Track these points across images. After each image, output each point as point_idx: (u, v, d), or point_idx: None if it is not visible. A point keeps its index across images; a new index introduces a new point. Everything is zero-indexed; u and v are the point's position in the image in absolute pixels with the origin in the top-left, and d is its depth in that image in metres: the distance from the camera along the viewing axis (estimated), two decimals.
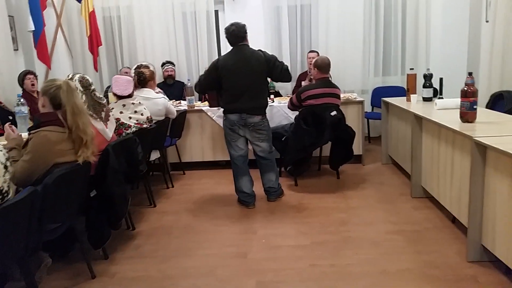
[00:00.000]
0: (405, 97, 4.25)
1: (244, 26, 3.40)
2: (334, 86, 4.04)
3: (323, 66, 3.93)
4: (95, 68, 5.58)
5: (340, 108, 4.08)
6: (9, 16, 4.85)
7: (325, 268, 2.51)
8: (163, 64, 5.61)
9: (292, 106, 4.11)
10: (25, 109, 3.42)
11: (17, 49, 5.16)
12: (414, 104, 3.93)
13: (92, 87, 2.68)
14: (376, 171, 4.48)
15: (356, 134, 4.61)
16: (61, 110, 2.20)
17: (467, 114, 2.72)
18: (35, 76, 4.43)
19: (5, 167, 1.68)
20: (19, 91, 4.37)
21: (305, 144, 3.88)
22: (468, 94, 2.67)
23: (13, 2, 4.96)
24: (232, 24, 3.37)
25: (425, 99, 3.98)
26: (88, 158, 2.25)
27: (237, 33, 3.33)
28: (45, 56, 4.87)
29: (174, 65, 5.65)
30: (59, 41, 5.40)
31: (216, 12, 5.88)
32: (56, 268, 2.62)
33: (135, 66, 3.83)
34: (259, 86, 3.40)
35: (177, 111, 4.37)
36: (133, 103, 3.36)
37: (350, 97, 4.70)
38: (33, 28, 4.70)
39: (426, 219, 3.11)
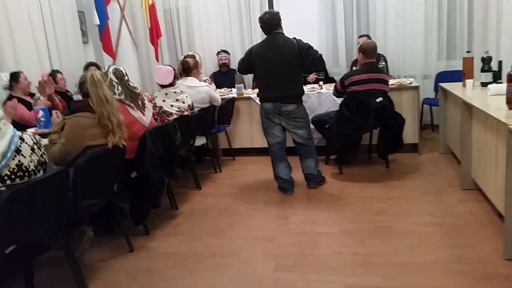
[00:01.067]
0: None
1: (277, 14, 3.38)
2: (381, 71, 3.87)
3: (368, 50, 3.77)
4: (157, 59, 5.91)
5: (388, 95, 3.91)
6: (79, 11, 5.33)
7: (346, 255, 2.47)
8: (218, 53, 5.79)
9: (336, 92, 4.02)
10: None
11: (87, 42, 5.67)
12: (469, 90, 3.62)
13: (126, 78, 2.88)
14: (431, 161, 4.22)
15: (412, 122, 4.43)
16: (91, 100, 2.42)
17: None
18: (98, 67, 4.82)
19: (32, 149, 1.91)
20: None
21: (348, 131, 3.78)
22: None
23: None
24: (266, 13, 3.38)
25: (484, 84, 3.64)
26: (116, 143, 2.45)
27: (270, 21, 3.33)
28: (109, 48, 5.28)
29: (228, 54, 5.79)
30: (123, 33, 5.78)
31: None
32: (101, 241, 2.90)
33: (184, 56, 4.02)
34: (292, 74, 3.37)
35: (225, 98, 4.52)
36: (175, 92, 3.54)
37: (404, 82, 4.44)
38: (98, 22, 5.12)
39: (470, 213, 2.89)
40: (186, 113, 3.57)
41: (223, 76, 5.68)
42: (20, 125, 3.29)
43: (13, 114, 3.27)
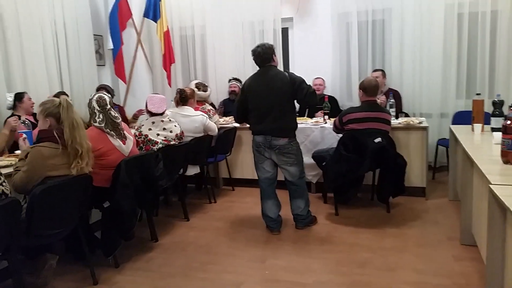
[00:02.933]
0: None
1: (271, 47, 3.31)
2: (381, 110, 3.68)
3: (369, 87, 3.61)
4: (169, 84, 5.97)
5: (390, 134, 3.71)
6: (97, 35, 5.49)
7: None
8: (229, 81, 5.77)
9: (335, 129, 3.86)
10: None
11: (104, 65, 5.80)
12: (477, 135, 3.36)
13: (108, 107, 2.86)
14: (438, 208, 3.91)
15: (420, 164, 4.17)
16: (59, 127, 2.39)
17: (508, 154, 2.22)
18: (108, 90, 4.88)
19: None
20: None
21: (343, 171, 3.58)
22: (508, 130, 2.17)
23: (103, 22, 5.59)
24: (258, 46, 3.32)
25: (494, 130, 3.36)
26: (82, 170, 2.40)
27: (262, 55, 3.27)
28: (121, 72, 5.38)
29: (240, 82, 5.75)
30: (139, 58, 5.92)
31: (286, 29, 5.84)
32: (69, 270, 2.84)
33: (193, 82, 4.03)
34: (284, 107, 3.25)
35: (226, 127, 4.45)
36: (162, 121, 3.50)
37: (411, 122, 4.20)
38: (111, 46, 5.24)
39: (462, 274, 2.60)
40: (173, 142, 3.50)
41: (232, 104, 5.63)
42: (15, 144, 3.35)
43: (15, 127, 3.34)
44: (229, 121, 4.90)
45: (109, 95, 2.99)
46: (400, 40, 5.20)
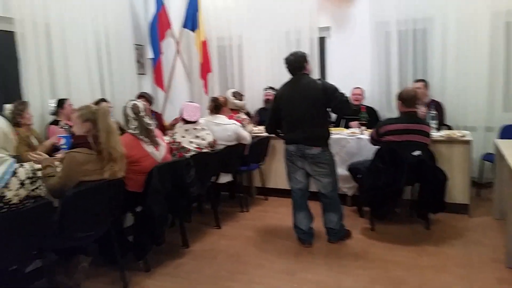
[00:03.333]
0: None
1: (303, 55, 3.26)
2: (421, 122, 3.53)
3: (407, 98, 3.47)
4: (206, 93, 6.05)
5: (430, 148, 3.54)
6: (139, 45, 5.67)
7: None
8: (265, 89, 5.77)
9: (372, 140, 3.73)
10: None
11: (145, 74, 5.98)
12: None
13: (142, 113, 2.93)
14: (481, 227, 3.67)
15: (462, 180, 3.96)
16: (95, 132, 2.45)
17: None
18: (147, 98, 5.00)
19: (22, 183, 1.96)
20: None
21: (379, 184, 3.44)
22: None
23: (144, 32, 5.78)
24: (291, 54, 3.28)
25: None
26: (115, 174, 2.44)
27: (294, 63, 3.23)
28: (160, 81, 5.53)
29: (275, 90, 5.73)
30: (177, 67, 6.05)
31: (323, 39, 5.78)
32: (102, 272, 2.89)
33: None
34: (316, 115, 3.18)
35: (259, 136, 4.43)
36: (195, 129, 3.54)
37: (454, 135, 4.00)
38: (151, 56, 5.39)
39: None
40: (205, 150, 3.52)
41: (266, 112, 5.61)
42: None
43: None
44: (264, 130, 4.87)
45: (144, 103, 3.05)
46: (442, 50, 4.99)
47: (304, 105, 3.16)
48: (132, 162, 2.76)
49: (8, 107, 3.66)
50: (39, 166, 2.36)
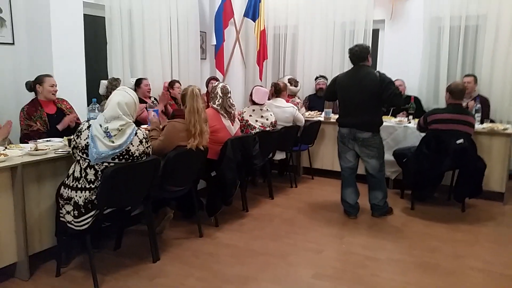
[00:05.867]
0: None
1: (367, 48, 3.63)
2: (467, 113, 3.84)
3: (455, 91, 3.79)
4: (260, 78, 6.53)
5: (473, 138, 3.86)
6: (202, 31, 6.21)
7: (382, 279, 2.63)
8: (316, 78, 6.16)
9: (419, 127, 4.09)
10: None
11: (205, 58, 6.53)
12: None
13: (229, 95, 3.50)
14: None
15: (501, 169, 4.24)
16: (184, 108, 3.01)
17: None
18: (217, 80, 5.53)
19: (140, 141, 2.53)
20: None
21: (423, 168, 3.81)
22: None
23: (207, 20, 6.30)
24: (356, 45, 3.66)
25: None
26: (195, 146, 2.97)
27: (359, 54, 3.60)
28: (221, 66, 6.05)
29: (326, 79, 6.11)
30: (236, 54, 6.55)
31: (377, 31, 6.08)
32: (179, 224, 3.49)
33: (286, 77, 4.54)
34: (371, 104, 3.57)
35: (312, 121, 4.88)
36: (261, 109, 4.05)
37: (496, 128, 4.28)
38: (215, 42, 5.92)
39: None
40: (268, 128, 4.03)
41: (318, 100, 6.02)
42: (136, 121, 4.10)
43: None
44: (314, 115, 5.31)
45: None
46: (493, 47, 5.19)
47: (361, 93, 3.56)
48: (212, 132, 3.29)
49: (103, 82, 4.31)
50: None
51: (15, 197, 2.51)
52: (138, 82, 4.77)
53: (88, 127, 2.39)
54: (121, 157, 2.42)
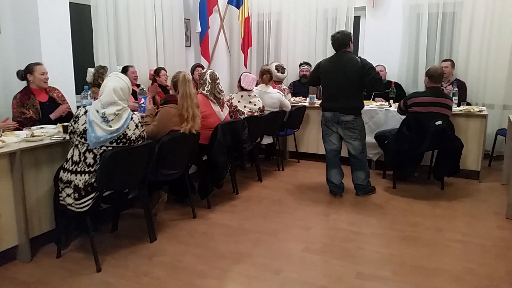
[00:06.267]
0: None
1: (349, 34, 3.77)
2: (445, 96, 4.04)
3: (434, 75, 3.99)
4: (245, 65, 6.63)
5: (451, 119, 4.07)
6: (186, 19, 6.23)
7: (368, 252, 2.82)
8: (300, 65, 6.29)
9: (399, 110, 4.28)
10: None
11: (190, 46, 6.56)
12: None
13: (218, 81, 3.59)
14: (489, 190, 4.24)
15: (477, 149, 4.49)
16: (176, 94, 3.11)
17: None
18: (202, 68, 5.60)
19: (136, 126, 2.62)
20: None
21: (404, 148, 4.01)
22: None
23: (191, 7, 6.32)
24: (338, 32, 3.79)
25: None
26: (188, 130, 3.08)
27: (340, 41, 3.74)
28: (206, 53, 6.11)
29: (310, 66, 6.25)
30: (220, 41, 6.62)
31: (358, 18, 6.23)
32: (172, 207, 3.61)
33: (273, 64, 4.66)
34: (353, 88, 3.73)
35: (297, 106, 5.02)
36: (249, 95, 4.16)
37: (472, 110, 4.51)
38: (199, 29, 5.96)
39: (502, 239, 3.00)
40: (256, 114, 4.15)
41: (302, 86, 6.17)
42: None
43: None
44: (299, 101, 5.45)
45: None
46: (469, 33, 5.42)
47: (343, 78, 3.71)
48: (202, 117, 3.38)
49: (90, 70, 4.34)
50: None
51: (14, 182, 2.57)
52: (125, 70, 4.80)
53: (85, 112, 2.47)
54: (118, 141, 2.50)
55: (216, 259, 2.71)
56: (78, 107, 4.12)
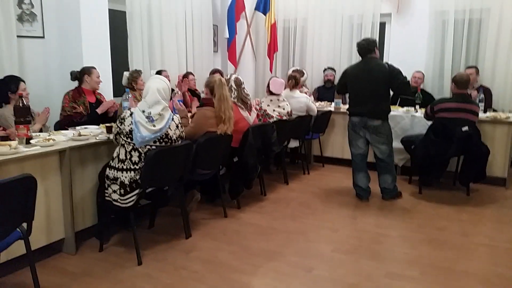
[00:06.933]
0: None
1: (374, 41, 3.87)
2: (471, 102, 4.08)
3: (460, 81, 4.03)
4: (270, 70, 6.76)
5: (477, 125, 4.10)
6: (214, 25, 6.42)
7: (397, 253, 2.90)
8: (325, 70, 6.39)
9: (426, 116, 4.34)
10: None
11: (217, 51, 6.74)
12: None
13: (242, 86, 3.72)
14: None
15: (504, 156, 4.49)
16: (213, 96, 3.25)
17: None
18: (221, 73, 5.75)
19: (176, 126, 2.78)
20: None
21: (431, 154, 4.06)
22: None
23: (219, 14, 6.50)
24: (363, 39, 3.90)
25: None
26: (225, 131, 3.23)
27: (366, 47, 3.84)
28: (233, 58, 6.28)
29: (334, 71, 6.34)
30: (247, 47, 6.77)
31: (383, 24, 6.30)
32: (204, 207, 3.75)
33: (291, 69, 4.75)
34: (380, 93, 3.81)
35: (323, 111, 5.11)
36: (278, 100, 4.29)
37: (498, 117, 4.52)
38: (227, 35, 6.13)
39: None
40: (284, 118, 4.27)
41: (326, 91, 6.27)
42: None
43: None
44: (324, 105, 5.55)
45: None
46: (495, 40, 5.42)
47: (371, 84, 3.80)
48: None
49: (125, 74, 4.54)
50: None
51: (63, 178, 2.76)
52: (159, 74, 4.98)
53: (131, 114, 2.63)
54: (161, 140, 2.67)
55: (249, 256, 2.83)
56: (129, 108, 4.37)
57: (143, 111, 2.61)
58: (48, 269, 2.61)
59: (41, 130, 3.30)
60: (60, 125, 3.55)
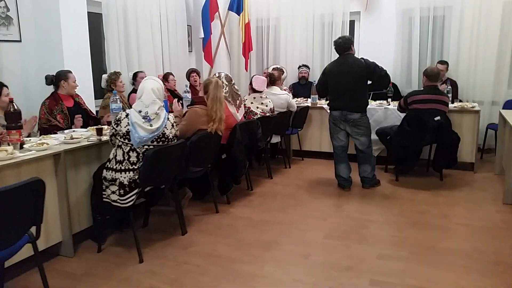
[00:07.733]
0: None
1: (350, 38, 4.07)
2: (442, 94, 4.36)
3: (431, 74, 4.30)
4: (246, 69, 6.88)
5: (447, 115, 4.38)
6: (188, 25, 6.46)
7: (385, 236, 3.09)
8: (299, 67, 6.57)
9: (400, 108, 4.59)
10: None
11: (191, 51, 6.78)
12: None
13: (233, 82, 3.83)
14: (484, 180, 4.57)
15: (471, 142, 4.82)
16: (207, 96, 3.34)
17: None
18: (198, 74, 5.85)
19: (172, 125, 2.85)
20: (187, 83, 5.87)
21: (406, 143, 4.31)
22: None
23: (192, 14, 6.54)
24: (339, 37, 4.09)
25: None
26: (214, 130, 3.32)
27: (343, 45, 4.03)
28: (209, 58, 6.34)
29: (308, 68, 6.54)
30: (221, 46, 6.84)
31: (353, 22, 6.55)
32: (195, 203, 3.81)
33: (271, 67, 4.88)
34: (359, 88, 4.02)
35: (301, 106, 5.28)
36: (261, 97, 4.42)
37: (466, 106, 4.84)
38: (202, 35, 6.19)
39: (502, 221, 3.31)
40: (267, 114, 4.40)
41: (301, 88, 6.45)
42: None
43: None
44: (301, 102, 5.72)
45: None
46: (458, 35, 5.79)
47: (349, 79, 3.99)
48: None
49: (104, 76, 4.52)
50: None
51: (59, 182, 2.76)
52: (135, 76, 4.99)
53: (127, 115, 2.67)
54: (158, 140, 2.73)
55: (247, 247, 2.94)
56: (97, 112, 4.34)
57: (140, 111, 2.66)
58: (50, 272, 2.60)
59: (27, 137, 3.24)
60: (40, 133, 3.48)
